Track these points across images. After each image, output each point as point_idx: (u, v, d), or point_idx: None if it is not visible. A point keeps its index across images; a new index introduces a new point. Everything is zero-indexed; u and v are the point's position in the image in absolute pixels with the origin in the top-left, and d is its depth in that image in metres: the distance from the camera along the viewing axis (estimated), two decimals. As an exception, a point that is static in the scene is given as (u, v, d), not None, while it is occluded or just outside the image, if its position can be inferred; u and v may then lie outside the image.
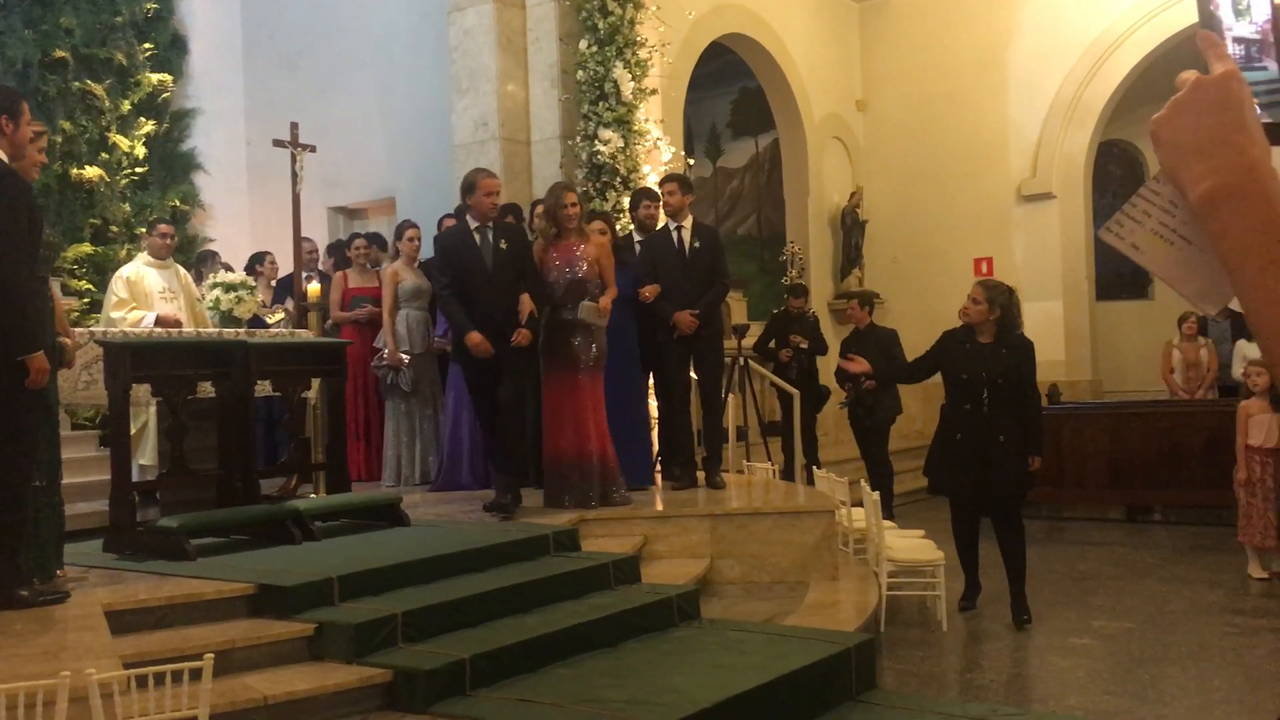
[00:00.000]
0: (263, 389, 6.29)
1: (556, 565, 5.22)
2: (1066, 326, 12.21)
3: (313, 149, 7.89)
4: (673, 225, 6.95)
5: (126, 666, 3.23)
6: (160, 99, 10.55)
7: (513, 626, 4.52)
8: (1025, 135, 12.35)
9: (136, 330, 6.71)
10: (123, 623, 4.04)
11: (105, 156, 9.97)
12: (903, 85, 13.11)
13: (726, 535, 6.03)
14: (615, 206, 8.06)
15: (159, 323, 6.94)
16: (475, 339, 5.95)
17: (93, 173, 9.77)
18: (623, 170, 8.25)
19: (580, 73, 8.43)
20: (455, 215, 7.00)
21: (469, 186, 6.19)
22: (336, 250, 8.89)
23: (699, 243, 6.88)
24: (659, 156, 8.60)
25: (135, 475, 6.31)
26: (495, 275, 6.10)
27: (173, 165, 10.64)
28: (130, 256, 8.33)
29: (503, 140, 8.76)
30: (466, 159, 8.91)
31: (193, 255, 9.39)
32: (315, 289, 7.41)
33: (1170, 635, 5.80)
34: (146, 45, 10.44)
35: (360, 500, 6.08)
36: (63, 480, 4.69)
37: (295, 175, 7.64)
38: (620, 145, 8.23)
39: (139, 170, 10.23)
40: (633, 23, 8.42)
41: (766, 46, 11.90)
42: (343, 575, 4.53)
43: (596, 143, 8.27)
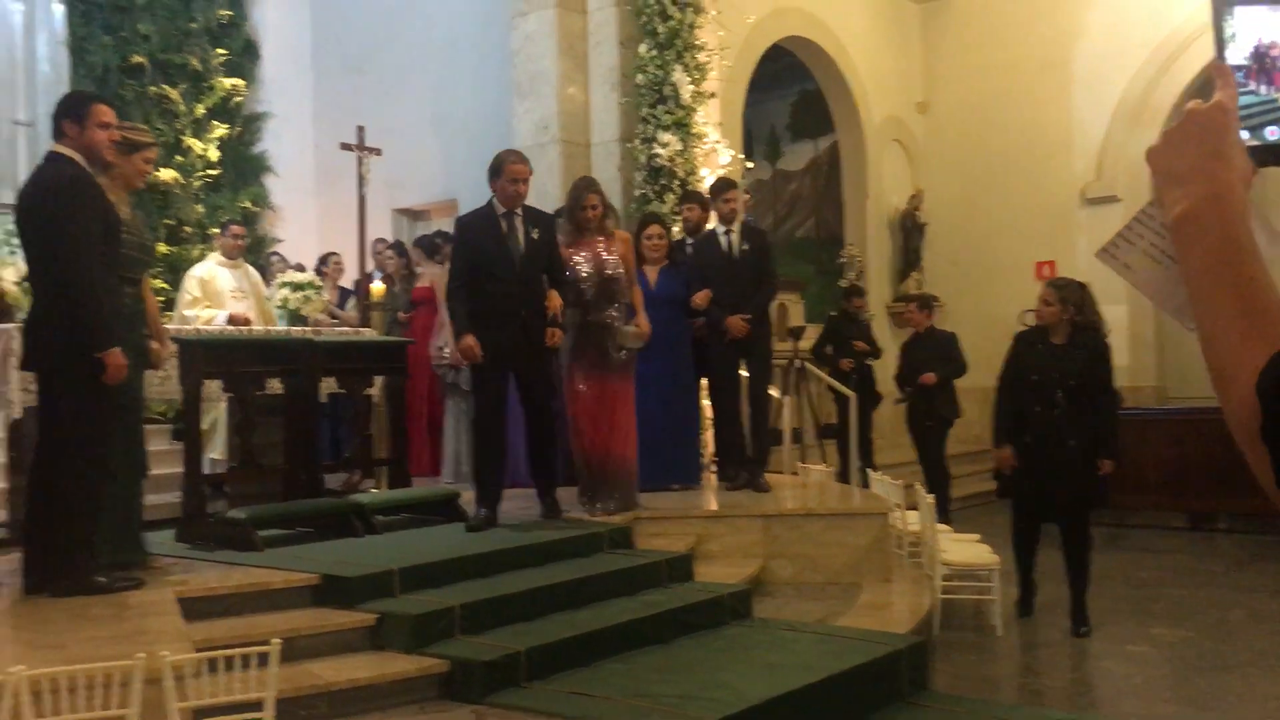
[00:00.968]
0: (328, 386, 6.46)
1: (610, 562, 5.30)
2: (1131, 331, 12.04)
3: (378, 152, 8.07)
4: (721, 229, 6.98)
5: (197, 651, 3.37)
6: (233, 103, 10.83)
7: (567, 621, 4.62)
8: (1089, 137, 12.21)
9: (208, 328, 6.92)
10: (194, 609, 4.19)
11: (180, 159, 10.26)
12: (964, 86, 13.03)
13: (780, 535, 6.08)
14: (673, 210, 8.14)
15: (230, 321, 7.14)
16: (469, 343, 5.57)
17: (168, 175, 10.06)
18: (680, 173, 8.31)
19: (640, 76, 8.52)
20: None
21: (495, 169, 5.79)
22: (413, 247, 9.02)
23: (748, 245, 6.89)
24: (717, 159, 8.65)
25: (206, 468, 6.51)
26: (523, 266, 5.74)
27: (244, 168, 10.91)
28: (203, 256, 8.57)
29: (563, 143, 8.87)
30: (531, 163, 9.03)
31: (262, 255, 9.64)
32: (379, 289, 7.58)
33: (1230, 644, 5.74)
34: (220, 51, 10.72)
35: (420, 495, 6.22)
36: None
37: (361, 178, 7.81)
38: (679, 148, 8.29)
39: (212, 172, 10.51)
40: (692, 27, 8.48)
41: (826, 49, 11.90)
42: (403, 568, 4.66)
43: (655, 145, 8.34)
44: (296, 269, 8.22)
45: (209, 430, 6.96)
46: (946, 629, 5.98)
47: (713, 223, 7.26)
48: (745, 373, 7.10)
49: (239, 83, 10.84)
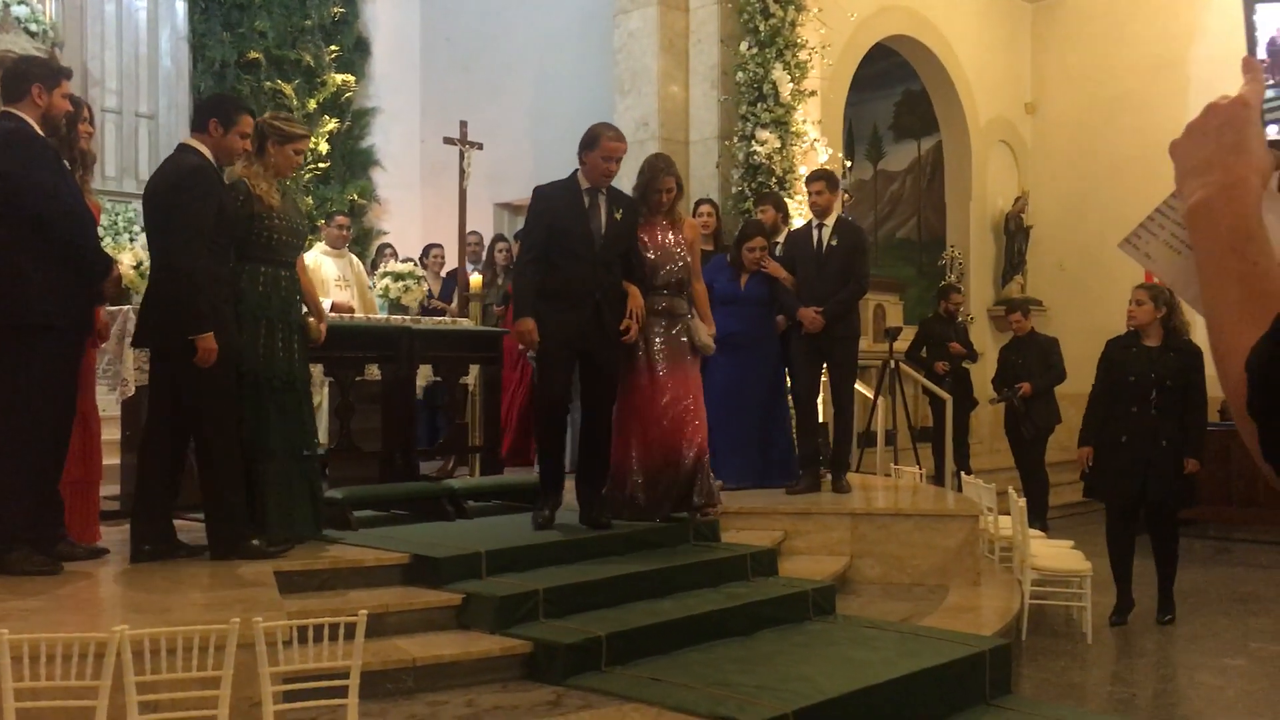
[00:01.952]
0: (425, 374, 6.61)
1: (695, 554, 5.34)
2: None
3: (480, 146, 8.23)
4: (815, 223, 6.83)
5: (289, 620, 3.51)
6: (343, 98, 11.15)
7: (649, 610, 4.67)
8: (1205, 141, 11.83)
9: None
10: (290, 583, 4.35)
11: (291, 152, 10.59)
12: (1075, 87, 12.74)
13: (867, 535, 6.05)
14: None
15: (333, 309, 7.36)
16: (525, 327, 5.23)
17: (280, 167, 10.38)
18: (778, 171, 8.32)
19: (740, 74, 8.54)
20: None
21: (590, 141, 5.38)
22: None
23: (836, 241, 6.71)
24: (815, 158, 8.63)
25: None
26: (604, 247, 5.38)
27: (353, 161, 11.22)
28: (310, 246, 8.84)
29: (662, 140, 8.94)
30: (627, 158, 9.12)
31: (369, 246, 9.91)
32: (477, 280, 7.73)
33: (1332, 662, 5.56)
34: (333, 47, 11.05)
35: (510, 482, 6.33)
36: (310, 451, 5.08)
37: (463, 171, 7.98)
38: (777, 146, 8.30)
39: (322, 165, 10.83)
40: (794, 25, 8.48)
41: (932, 48, 11.76)
42: (490, 551, 4.76)
43: (753, 143, 8.36)
44: (416, 261, 8.44)
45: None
46: (1036, 635, 5.89)
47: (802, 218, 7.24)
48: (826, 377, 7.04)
49: (349, 78, 11.15)
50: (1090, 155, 12.54)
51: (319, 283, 7.62)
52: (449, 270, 9.15)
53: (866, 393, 9.11)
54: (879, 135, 14.03)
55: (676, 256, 5.70)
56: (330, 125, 10.93)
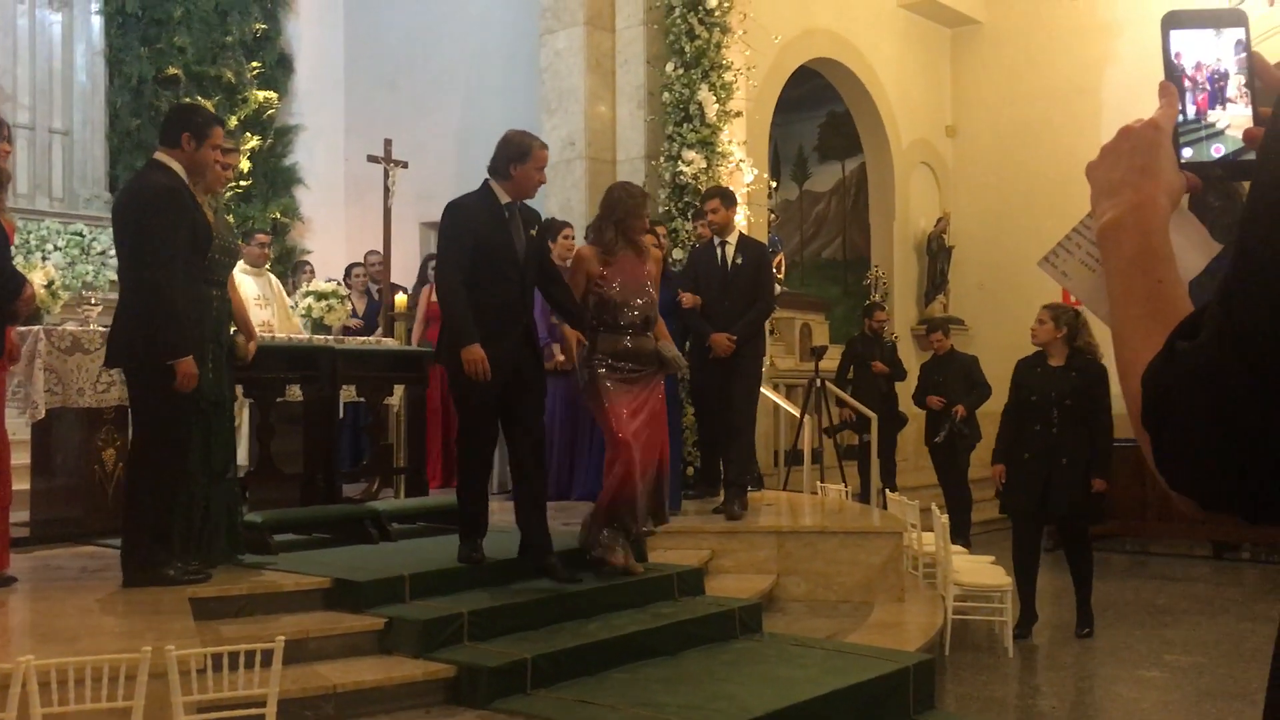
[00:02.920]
0: (348, 394, 6.52)
1: (621, 574, 5.32)
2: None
3: (405, 165, 8.17)
4: (717, 241, 6.64)
5: (206, 648, 3.42)
6: (265, 115, 11.00)
7: (575, 631, 4.64)
8: (1119, 164, 12.14)
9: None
10: (206, 609, 4.25)
11: (211, 170, 10.41)
12: (993, 111, 13.02)
13: (794, 552, 6.08)
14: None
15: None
16: (477, 355, 4.74)
17: (199, 185, 10.21)
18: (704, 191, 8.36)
19: (666, 95, 8.59)
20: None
21: (521, 152, 4.96)
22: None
23: (742, 259, 6.54)
24: (741, 178, 8.70)
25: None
26: (526, 267, 4.98)
27: (275, 179, 11.07)
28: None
29: (589, 160, 8.95)
30: (554, 177, 9.11)
31: (289, 265, 9.76)
32: (402, 300, 7.66)
33: (1243, 671, 5.69)
34: (255, 64, 10.91)
35: (436, 504, 6.26)
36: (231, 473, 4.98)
37: (387, 190, 7.91)
38: (703, 166, 8.35)
39: (244, 183, 10.66)
40: (719, 46, 8.55)
41: (855, 71, 11.94)
42: (414, 574, 4.70)
43: (680, 163, 8.41)
44: (328, 281, 8.35)
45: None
46: (959, 650, 5.96)
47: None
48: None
49: (272, 95, 11.01)
50: (1008, 177, 12.81)
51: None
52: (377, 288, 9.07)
53: (793, 411, 9.18)
54: (804, 156, 14.21)
55: (644, 290, 5.29)
56: (253, 142, 10.78)
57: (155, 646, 3.10)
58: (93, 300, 6.58)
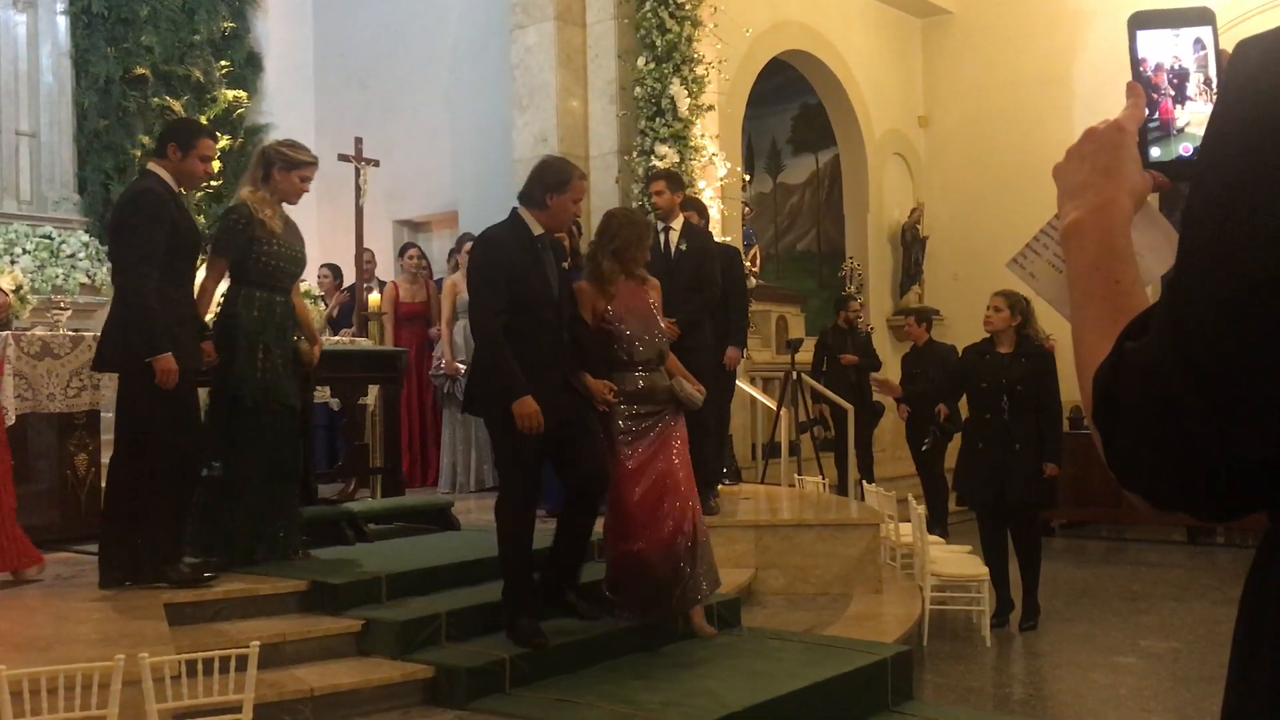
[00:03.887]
0: (322, 395, 6.49)
1: (598, 571, 5.30)
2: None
3: (376, 163, 8.13)
4: (660, 226, 6.36)
5: (181, 655, 3.39)
6: (235, 115, 10.91)
7: (552, 629, 4.63)
8: (1089, 152, 12.20)
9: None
10: (181, 614, 4.23)
11: (181, 170, 10.33)
12: (965, 101, 13.07)
13: (771, 546, 6.10)
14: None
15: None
16: (530, 409, 4.30)
17: (169, 185, 10.12)
18: (677, 185, 8.35)
19: (638, 89, 8.57)
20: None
21: (559, 182, 4.55)
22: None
23: (685, 245, 6.31)
24: (714, 172, 8.70)
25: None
26: (561, 304, 4.60)
27: (246, 179, 10.97)
28: (202, 265, 8.61)
29: (562, 155, 8.92)
30: (526, 173, 9.08)
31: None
32: (375, 299, 7.62)
33: (1218, 656, 5.73)
34: (223, 63, 10.81)
35: (413, 504, 6.25)
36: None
37: (359, 189, 7.87)
38: (676, 161, 8.34)
39: (214, 183, 10.56)
40: (690, 40, 8.54)
41: (827, 63, 11.95)
42: (391, 575, 4.69)
43: (652, 158, 8.39)
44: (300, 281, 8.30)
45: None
46: (937, 640, 5.99)
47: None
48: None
49: (241, 94, 10.93)
50: (981, 167, 12.86)
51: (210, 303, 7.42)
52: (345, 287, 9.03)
53: (770, 404, 9.20)
54: (778, 149, 14.22)
55: (655, 323, 4.87)
56: (222, 142, 10.66)
57: (129, 654, 3.08)
58: (62, 304, 6.53)
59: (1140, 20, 1.01)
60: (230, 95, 10.82)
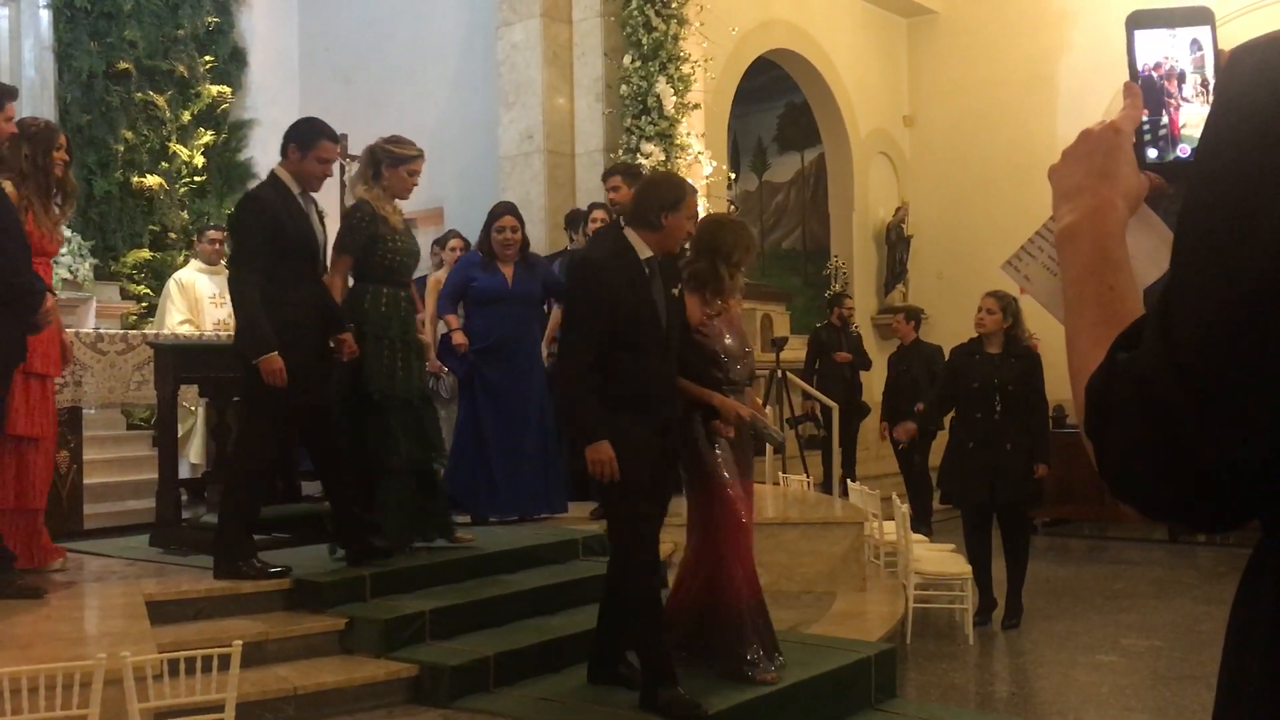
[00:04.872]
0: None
1: (584, 569, 5.33)
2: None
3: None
4: (621, 224, 6.15)
5: (164, 654, 3.38)
6: (219, 110, 10.84)
7: (538, 627, 4.64)
8: (1074, 152, 12.26)
9: (185, 333, 6.93)
10: (163, 613, 4.21)
11: (165, 165, 10.28)
12: (950, 101, 13.11)
13: (756, 543, 6.05)
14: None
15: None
16: (607, 454, 3.81)
17: (153, 181, 10.07)
18: (663, 184, 8.35)
19: (624, 87, 8.57)
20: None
21: (675, 199, 4.04)
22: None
23: None
24: (700, 170, 8.71)
25: (186, 473, 6.53)
26: (669, 335, 4.04)
27: (230, 174, 10.92)
28: (187, 261, 8.58)
29: (547, 152, 8.92)
30: (512, 170, 9.10)
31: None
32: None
33: (1199, 654, 5.78)
34: (207, 58, 10.75)
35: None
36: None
37: (343, 185, 7.84)
38: (662, 159, 8.34)
39: (197, 179, 10.52)
40: (676, 38, 8.54)
41: (813, 62, 11.97)
42: (374, 573, 4.68)
43: (638, 156, 8.39)
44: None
45: (186, 435, 6.96)
46: (920, 638, 6.01)
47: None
48: None
49: (225, 90, 10.86)
50: (966, 166, 12.90)
51: (193, 301, 7.40)
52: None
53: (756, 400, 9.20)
54: (763, 147, 14.23)
55: (747, 341, 4.52)
56: (206, 138, 10.63)
57: (110, 652, 3.06)
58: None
59: (1139, 20, 1.01)
60: (214, 91, 10.75)
